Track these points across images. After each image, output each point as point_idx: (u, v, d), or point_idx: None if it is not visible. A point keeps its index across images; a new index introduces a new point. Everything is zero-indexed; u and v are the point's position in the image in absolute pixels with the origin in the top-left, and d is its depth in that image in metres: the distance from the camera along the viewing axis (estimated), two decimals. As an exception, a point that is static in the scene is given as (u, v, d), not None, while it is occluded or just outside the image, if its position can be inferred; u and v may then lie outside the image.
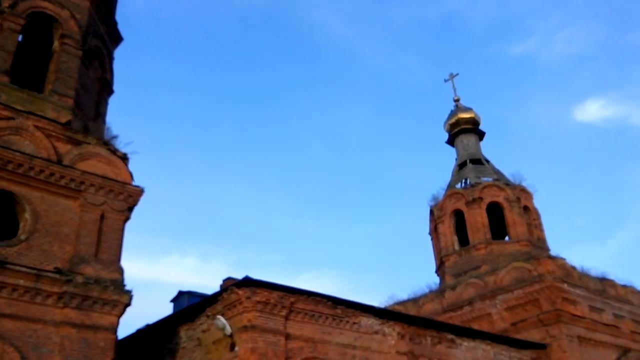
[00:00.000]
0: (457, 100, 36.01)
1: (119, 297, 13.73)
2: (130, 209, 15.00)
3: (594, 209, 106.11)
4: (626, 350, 25.75)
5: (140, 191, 15.09)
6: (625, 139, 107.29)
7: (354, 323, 16.97)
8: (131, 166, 15.32)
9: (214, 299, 15.77)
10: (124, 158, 15.28)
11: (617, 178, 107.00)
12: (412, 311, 26.86)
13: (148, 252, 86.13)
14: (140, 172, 16.78)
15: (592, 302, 25.40)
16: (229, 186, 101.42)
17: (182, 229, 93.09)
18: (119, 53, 18.95)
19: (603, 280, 27.31)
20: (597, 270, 27.58)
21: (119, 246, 14.51)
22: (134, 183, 15.15)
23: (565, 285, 24.13)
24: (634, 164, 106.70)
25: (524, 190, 31.35)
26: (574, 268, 25.95)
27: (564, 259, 25.69)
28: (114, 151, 15.21)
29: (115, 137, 15.71)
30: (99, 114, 17.21)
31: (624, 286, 28.56)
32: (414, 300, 29.03)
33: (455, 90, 36.33)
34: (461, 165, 33.96)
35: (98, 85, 17.50)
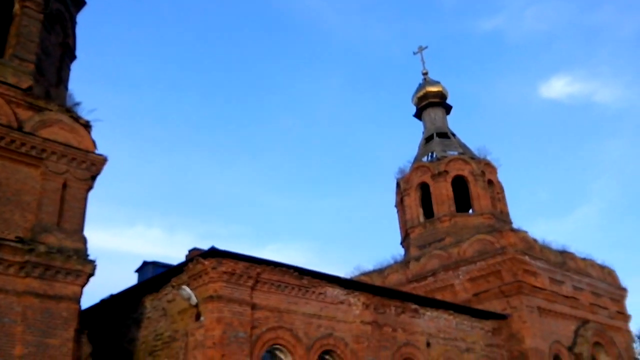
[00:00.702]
0: (425, 74, 36.18)
1: (82, 266, 13.55)
2: (94, 178, 14.73)
3: (556, 184, 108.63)
4: (585, 322, 26.67)
5: (103, 160, 14.80)
6: (589, 116, 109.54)
7: (320, 293, 17.13)
8: (94, 134, 15.00)
9: (179, 269, 15.71)
10: (87, 126, 14.93)
11: (579, 154, 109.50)
12: (377, 282, 27.29)
13: (113, 222, 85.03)
14: (103, 140, 16.49)
15: (552, 275, 26.14)
16: (195, 157, 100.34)
17: (148, 199, 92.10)
18: (82, 18, 18.37)
19: (563, 253, 28.09)
20: (557, 244, 28.39)
21: (82, 215, 14.27)
22: (97, 151, 14.84)
23: (526, 258, 24.75)
24: (597, 141, 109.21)
25: (488, 164, 31.85)
26: (535, 241, 26.60)
27: (526, 232, 26.30)
28: (77, 118, 14.84)
29: (77, 104, 15.33)
30: (61, 80, 16.72)
31: (584, 259, 29.45)
32: (379, 271, 29.48)
33: (423, 63, 36.51)
34: (428, 139, 34.26)
35: (60, 51, 16.96)
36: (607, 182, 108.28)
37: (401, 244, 32.67)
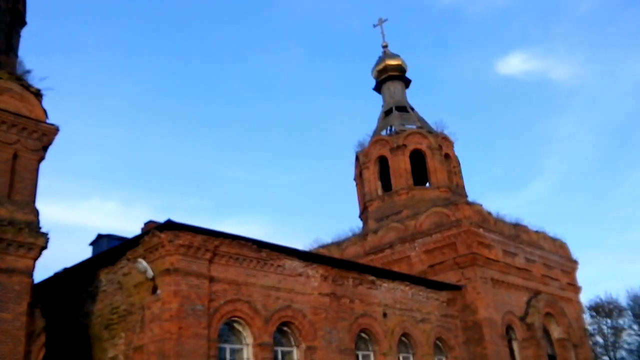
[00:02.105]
0: (385, 47, 36.21)
1: (35, 239, 13.22)
2: (45, 148, 14.29)
3: (510, 159, 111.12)
4: (536, 293, 27.57)
5: (55, 130, 14.35)
6: (544, 92, 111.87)
7: (278, 266, 17.19)
8: (46, 103, 14.51)
9: (134, 242, 15.48)
10: (38, 94, 14.41)
11: (533, 130, 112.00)
12: (335, 254, 27.52)
13: (67, 195, 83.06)
14: (56, 110, 15.96)
15: (506, 247, 26.84)
16: (152, 129, 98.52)
17: (104, 172, 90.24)
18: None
19: (517, 226, 28.84)
20: (511, 217, 29.12)
21: (34, 187, 13.87)
22: (48, 121, 14.37)
23: (481, 230, 25.32)
24: (550, 118, 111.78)
25: (445, 138, 32.26)
26: (490, 214, 27.21)
27: (481, 205, 26.86)
28: (27, 87, 14.30)
29: (28, 71, 14.76)
30: (11, 47, 16.03)
31: (537, 232, 30.32)
32: (337, 244, 29.73)
33: (383, 36, 36.55)
34: (387, 112, 34.44)
35: (9, 17, 16.21)
36: (559, 158, 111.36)
37: (360, 216, 32.97)
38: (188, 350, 13.93)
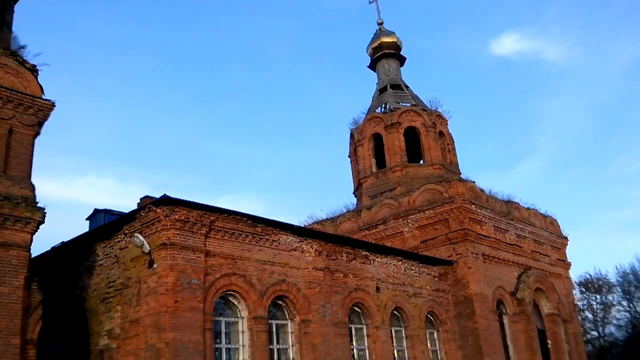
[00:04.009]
0: (380, 24, 36.07)
1: (31, 214, 13.35)
2: (41, 124, 14.33)
3: (503, 138, 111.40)
4: (527, 268, 27.98)
5: (51, 105, 14.38)
6: (536, 73, 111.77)
7: (273, 241, 17.39)
8: (41, 79, 14.51)
9: (131, 216, 15.61)
10: (33, 70, 14.40)
11: (525, 110, 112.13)
12: (329, 230, 27.79)
13: (64, 172, 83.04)
14: (52, 87, 15.97)
15: (497, 223, 27.15)
16: (147, 107, 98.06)
17: (100, 149, 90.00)
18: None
19: (508, 203, 29.13)
20: (503, 194, 29.41)
21: (30, 162, 13.95)
22: (44, 97, 14.40)
23: (473, 207, 25.59)
24: (542, 98, 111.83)
25: (440, 116, 32.36)
26: (482, 191, 27.47)
27: (474, 182, 27.10)
28: (23, 62, 14.28)
29: (23, 47, 14.72)
30: (5, 21, 15.93)
31: (528, 209, 30.66)
32: (331, 220, 29.99)
33: (379, 13, 36.38)
34: (382, 90, 34.45)
35: (2, -9, 16.13)
36: (550, 137, 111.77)
37: (354, 193, 33.18)
38: (184, 323, 14.16)
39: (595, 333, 57.22)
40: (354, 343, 19.46)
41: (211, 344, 14.73)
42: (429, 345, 22.41)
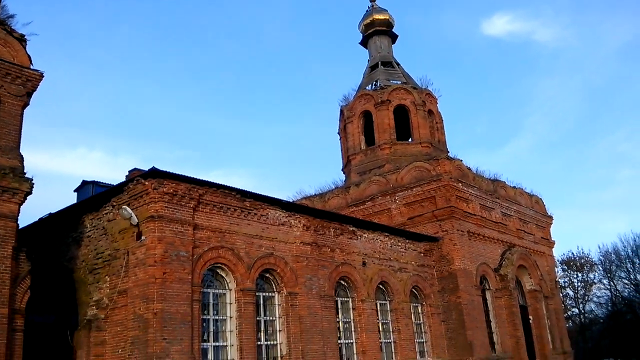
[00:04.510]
0: (373, 0, 35.88)
1: (19, 184, 13.36)
2: (30, 94, 14.26)
3: (492, 118, 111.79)
4: (511, 246, 28.41)
5: (39, 76, 14.30)
6: (527, 54, 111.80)
7: (262, 215, 17.53)
8: (30, 49, 14.40)
9: (119, 189, 15.66)
10: (22, 39, 14.27)
11: (515, 91, 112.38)
12: (318, 205, 27.99)
13: (54, 144, 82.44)
14: (41, 58, 15.87)
15: (483, 201, 27.47)
16: (138, 81, 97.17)
17: (90, 122, 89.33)
18: None
19: (495, 181, 29.44)
20: (490, 173, 29.72)
21: (18, 133, 13.90)
22: (32, 67, 14.30)
23: (460, 185, 25.84)
24: (532, 79, 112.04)
25: (429, 94, 32.44)
26: (469, 169, 27.72)
27: (461, 161, 27.33)
28: (11, 31, 14.14)
29: (11, 16, 14.52)
30: (-10, -11, 15.75)
31: (514, 188, 31.01)
32: (320, 196, 30.18)
33: (372, -11, 36.05)
34: (373, 67, 34.41)
35: (-13, -43, 15.87)
36: (540, 118, 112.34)
37: (342, 170, 33.34)
38: (172, 294, 14.34)
39: (575, 310, 58.40)
40: (340, 316, 19.80)
41: (199, 315, 14.94)
42: (413, 318, 22.85)
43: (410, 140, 31.55)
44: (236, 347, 15.72)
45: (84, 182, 20.61)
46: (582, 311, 58.36)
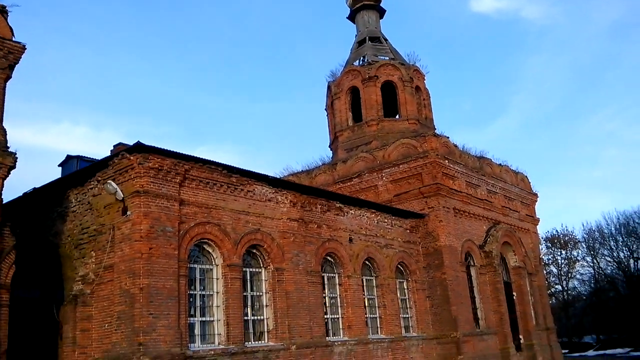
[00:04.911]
0: (361, -26, 35.46)
1: (2, 158, 13.14)
2: (12, 67, 13.94)
3: (479, 96, 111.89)
4: (496, 223, 28.67)
5: (21, 48, 14.00)
6: (515, 31, 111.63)
7: (248, 191, 17.48)
8: (12, 22, 14.08)
9: (104, 163, 15.50)
10: (3, 11, 13.92)
11: (503, 68, 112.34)
12: (305, 182, 27.99)
13: (38, 119, 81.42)
14: (26, 30, 15.56)
15: (469, 178, 27.62)
16: (124, 55, 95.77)
17: (74, 97, 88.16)
18: None
19: (481, 159, 29.58)
20: (476, 150, 29.83)
21: (0, 106, 13.66)
22: (14, 39, 14.01)
23: (446, 162, 25.93)
24: (520, 57, 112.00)
25: (417, 70, 32.34)
26: (455, 146, 27.80)
27: (448, 138, 27.38)
28: (-10, 2, 13.83)
29: (-9, -14, 14.19)
30: (-31, -42, 15.34)
31: (500, 165, 31.21)
32: (307, 172, 30.18)
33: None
34: (360, 43, 34.18)
35: None
36: (526, 97, 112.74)
37: (330, 146, 33.29)
38: (158, 269, 14.32)
39: (559, 287, 59.34)
40: (326, 291, 19.93)
41: (185, 290, 14.95)
42: (398, 294, 23.08)
43: (397, 117, 31.51)
44: (223, 322, 15.79)
45: (69, 157, 20.40)
46: (566, 288, 59.34)
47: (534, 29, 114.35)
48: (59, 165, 20.78)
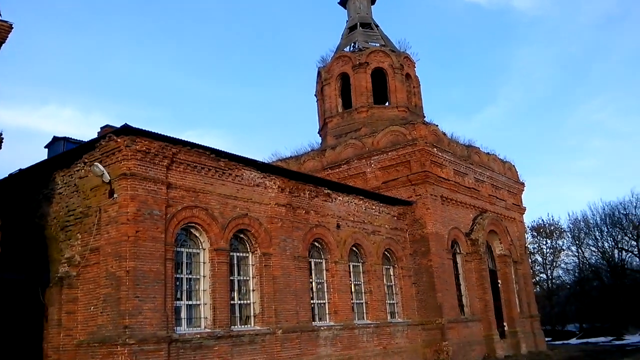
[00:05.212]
0: (353, -41, 35.23)
1: (-12, 139, 13.03)
2: (-3, 46, 13.78)
3: (468, 84, 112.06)
4: (482, 211, 28.85)
5: (8, 27, 13.75)
6: (506, 21, 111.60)
7: (236, 176, 17.43)
8: (-2, 0, 13.84)
9: (91, 145, 15.37)
10: (-13, -12, 13.73)
11: (492, 58, 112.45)
12: (293, 168, 27.94)
13: (24, 100, 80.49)
14: (11, 10, 15.32)
15: (457, 167, 27.73)
16: (113, 37, 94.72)
17: (62, 79, 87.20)
18: None
19: (469, 147, 29.69)
20: (465, 139, 29.93)
21: (-15, 85, 13.53)
22: (1, 17, 13.79)
23: (435, 150, 26.00)
24: (510, 46, 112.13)
25: (407, 58, 32.28)
26: (444, 134, 27.86)
27: (437, 126, 27.43)
28: (-25, -21, 13.58)
29: (-25, -38, 13.93)
30: None
31: (488, 154, 31.34)
32: (296, 158, 30.16)
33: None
34: (351, 29, 34.03)
35: None
36: (515, 86, 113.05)
37: (319, 133, 33.24)
38: (144, 252, 14.27)
39: (544, 275, 59.96)
40: (313, 276, 20.01)
41: (172, 274, 14.92)
42: (384, 280, 23.23)
43: (387, 104, 31.48)
44: (209, 306, 15.81)
45: (55, 138, 20.21)
46: (550, 277, 59.96)
47: (525, 20, 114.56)
48: (45, 147, 20.60)
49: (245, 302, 17.32)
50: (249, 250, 17.81)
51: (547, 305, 55.58)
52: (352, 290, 21.47)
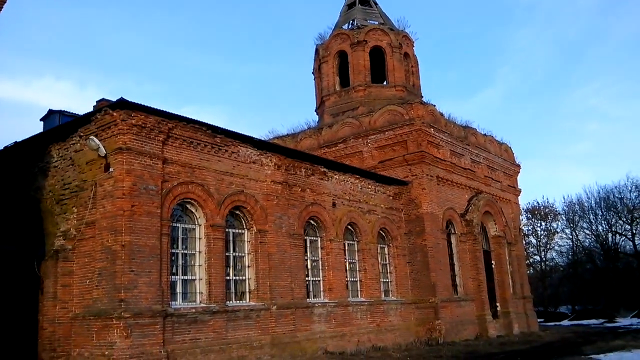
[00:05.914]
0: None
1: (-17, 110, 12.97)
2: (-8, 17, 13.63)
3: (466, 66, 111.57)
4: (478, 192, 28.92)
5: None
6: (504, 3, 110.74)
7: (233, 152, 17.40)
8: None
9: (86, 119, 15.27)
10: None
11: (491, 40, 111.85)
12: (290, 145, 27.88)
13: (20, 73, 79.88)
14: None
15: (453, 147, 27.72)
16: (109, 10, 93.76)
17: (57, 51, 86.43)
18: None
19: (466, 128, 29.64)
20: (462, 120, 29.86)
21: (-20, 56, 13.39)
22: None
23: (431, 130, 25.96)
24: (508, 29, 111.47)
25: (406, 37, 32.04)
26: (441, 115, 27.79)
27: (434, 106, 27.35)
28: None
29: None
30: None
31: (484, 135, 31.32)
32: (292, 136, 30.08)
33: None
34: (350, 5, 33.73)
35: None
36: (512, 69, 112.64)
37: (316, 111, 33.10)
38: (140, 227, 14.28)
39: (537, 257, 60.32)
40: (308, 254, 20.09)
41: (168, 249, 14.95)
42: (379, 259, 23.36)
43: (385, 83, 31.33)
44: (205, 281, 15.89)
45: (51, 111, 20.06)
46: (544, 259, 60.33)
47: (524, 2, 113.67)
48: (40, 120, 20.45)
49: (240, 278, 17.40)
50: (244, 226, 17.84)
51: (540, 287, 56.03)
52: (347, 268, 21.59)
